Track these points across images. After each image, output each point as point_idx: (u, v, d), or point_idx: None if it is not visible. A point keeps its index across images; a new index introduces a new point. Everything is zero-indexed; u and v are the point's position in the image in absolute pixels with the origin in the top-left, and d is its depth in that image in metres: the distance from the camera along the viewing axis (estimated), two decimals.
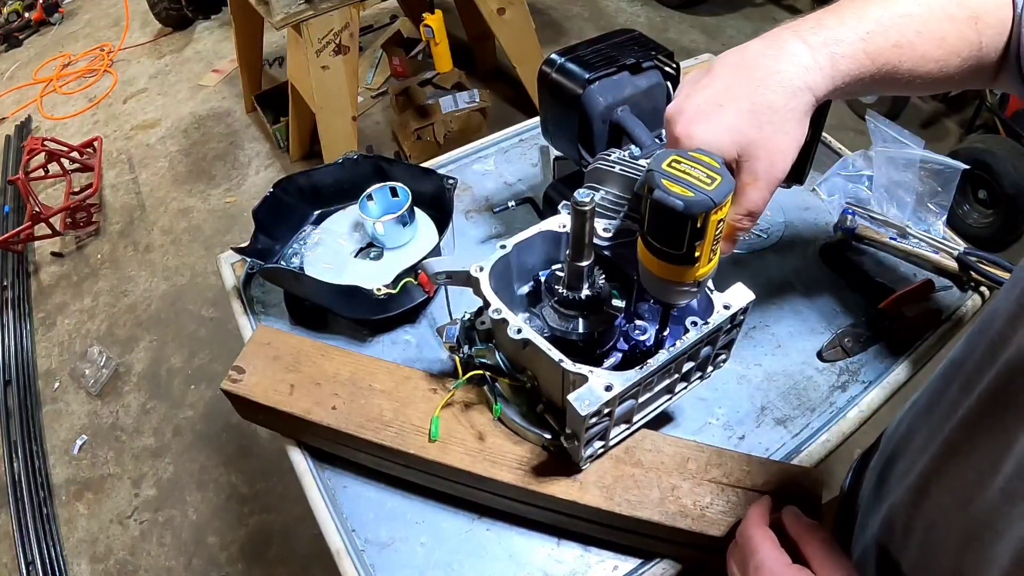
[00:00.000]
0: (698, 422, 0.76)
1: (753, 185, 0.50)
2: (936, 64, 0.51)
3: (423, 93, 2.69)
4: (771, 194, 0.51)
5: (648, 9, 3.57)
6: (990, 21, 0.51)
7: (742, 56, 0.51)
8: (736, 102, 0.49)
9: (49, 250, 2.66)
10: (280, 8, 2.01)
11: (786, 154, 0.50)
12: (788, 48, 0.50)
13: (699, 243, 0.48)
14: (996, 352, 0.42)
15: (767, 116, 0.49)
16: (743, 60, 0.51)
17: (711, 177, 0.47)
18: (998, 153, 2.09)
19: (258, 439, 1.97)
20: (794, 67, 0.49)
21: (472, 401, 0.70)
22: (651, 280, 0.54)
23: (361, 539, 0.69)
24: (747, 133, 0.49)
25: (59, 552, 1.79)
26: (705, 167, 0.47)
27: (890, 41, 0.50)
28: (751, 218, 0.52)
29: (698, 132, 0.50)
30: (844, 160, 1.02)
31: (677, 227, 0.47)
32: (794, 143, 0.50)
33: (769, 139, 0.49)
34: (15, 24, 3.95)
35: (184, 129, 3.16)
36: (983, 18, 0.51)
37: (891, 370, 0.80)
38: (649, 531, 0.62)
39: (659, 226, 0.49)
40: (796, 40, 0.50)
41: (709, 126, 0.50)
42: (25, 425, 2.05)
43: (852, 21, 0.50)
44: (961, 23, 0.51)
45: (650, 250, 0.52)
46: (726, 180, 0.47)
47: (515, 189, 1.07)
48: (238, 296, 0.93)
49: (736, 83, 0.50)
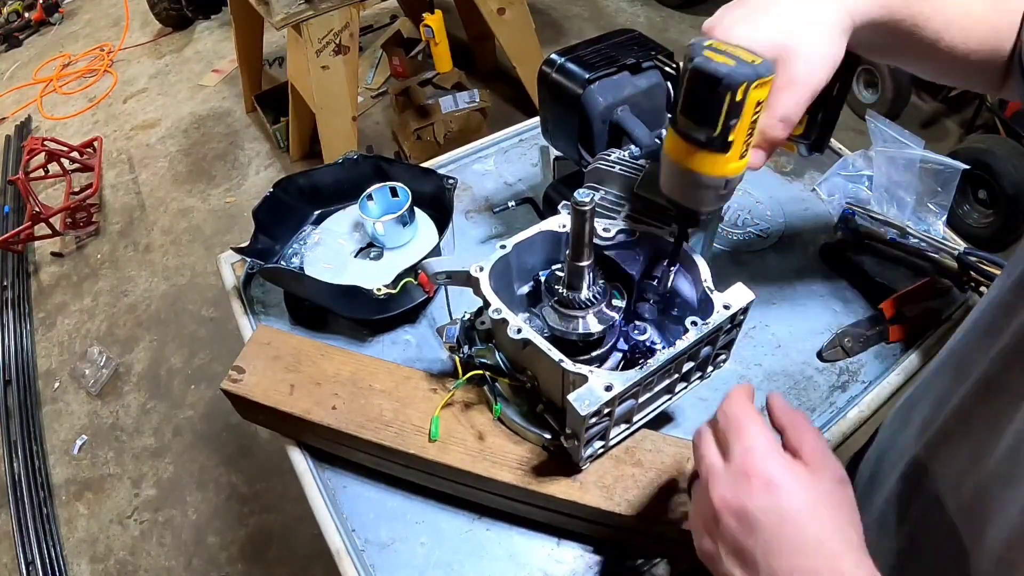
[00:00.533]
0: (698, 422, 0.75)
1: (788, 89, 0.49)
2: (960, 32, 0.53)
3: (423, 93, 2.69)
4: (806, 103, 0.51)
5: (648, 9, 3.57)
6: (1008, 7, 0.53)
7: None
8: (776, 9, 0.50)
9: (49, 250, 2.66)
10: (280, 8, 2.01)
11: (824, 63, 0.50)
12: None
13: (735, 123, 0.46)
14: (990, 341, 0.43)
15: (807, 23, 0.50)
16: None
17: (752, 58, 0.46)
18: (998, 153, 2.09)
19: (258, 439, 1.97)
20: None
21: (472, 401, 0.70)
22: (677, 176, 0.52)
23: (361, 539, 0.69)
24: (786, 38, 0.49)
25: (59, 552, 1.79)
26: (746, 52, 0.46)
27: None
28: (784, 125, 0.51)
29: (737, 33, 0.50)
30: (844, 160, 1.02)
31: (716, 100, 0.45)
32: (831, 55, 0.50)
33: (808, 46, 0.50)
34: (15, 24, 3.96)
35: (184, 129, 3.17)
36: (1003, 2, 0.53)
37: (891, 370, 0.80)
38: (649, 531, 0.62)
39: (696, 100, 0.46)
40: None
41: (748, 29, 0.50)
42: (25, 425, 2.06)
43: None
44: (984, 1, 0.54)
45: (680, 134, 0.49)
46: (767, 61, 0.46)
47: (515, 189, 1.07)
48: (238, 296, 0.93)
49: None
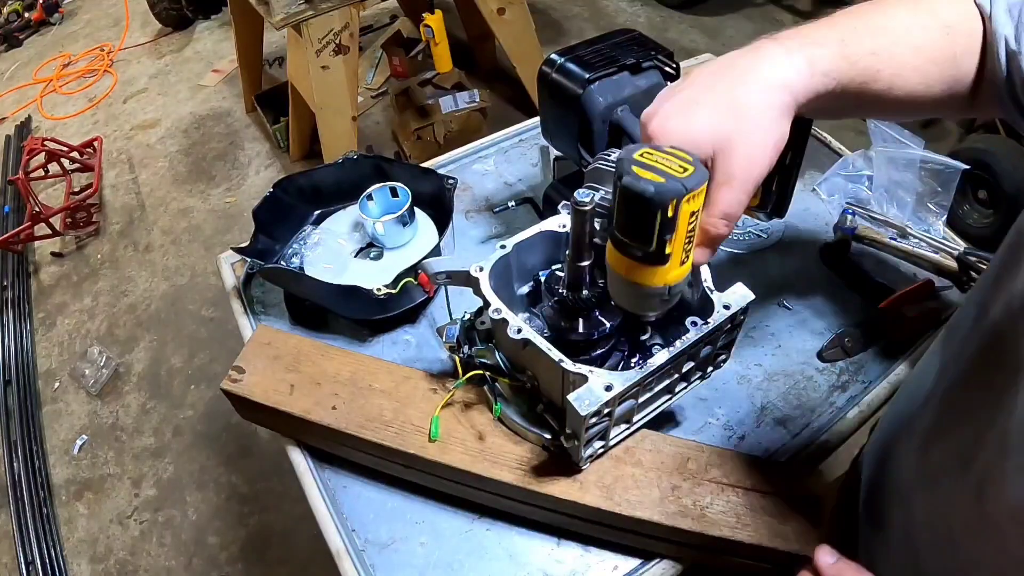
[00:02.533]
0: (698, 422, 0.76)
1: (728, 185, 0.48)
2: (915, 73, 0.51)
3: (423, 93, 2.69)
4: (748, 197, 0.49)
5: (648, 9, 3.57)
6: (961, 30, 0.51)
7: (720, 61, 0.51)
8: (713, 99, 0.48)
9: (49, 250, 2.66)
10: (280, 8, 2.01)
11: (765, 151, 0.48)
12: (766, 51, 0.49)
13: (670, 237, 0.46)
14: (982, 317, 0.43)
15: (744, 112, 0.48)
16: (721, 63, 0.51)
17: (684, 168, 0.45)
18: (998, 153, 2.09)
19: (258, 439, 1.97)
20: (772, 66, 0.48)
21: (472, 401, 0.70)
22: (619, 286, 0.52)
23: (361, 539, 0.69)
24: (723, 129, 0.48)
25: (59, 552, 1.79)
26: (678, 159, 0.45)
27: (866, 48, 0.49)
28: (727, 222, 0.49)
29: (672, 127, 0.49)
30: (844, 160, 1.02)
31: (647, 216, 0.44)
32: (772, 142, 0.48)
33: (746, 136, 0.48)
34: (15, 24, 3.95)
35: (184, 129, 3.16)
36: (954, 28, 0.51)
37: (891, 370, 0.80)
38: (649, 531, 0.62)
39: (628, 217, 0.46)
40: (774, 44, 0.50)
41: (683, 121, 0.49)
42: (25, 425, 2.05)
43: (826, 28, 0.51)
44: (934, 31, 0.51)
45: (618, 248, 0.49)
46: (699, 171, 0.45)
47: (515, 189, 1.07)
48: (238, 296, 0.93)
49: (714, 83, 0.49)
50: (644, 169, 0.44)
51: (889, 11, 0.51)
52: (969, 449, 0.43)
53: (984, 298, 0.46)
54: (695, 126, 0.48)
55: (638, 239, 0.47)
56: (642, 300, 0.52)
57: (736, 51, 0.51)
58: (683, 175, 0.44)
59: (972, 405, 0.45)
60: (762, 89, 0.48)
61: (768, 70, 0.48)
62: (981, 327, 0.45)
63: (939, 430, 0.49)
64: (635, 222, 0.46)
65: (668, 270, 0.48)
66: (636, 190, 0.44)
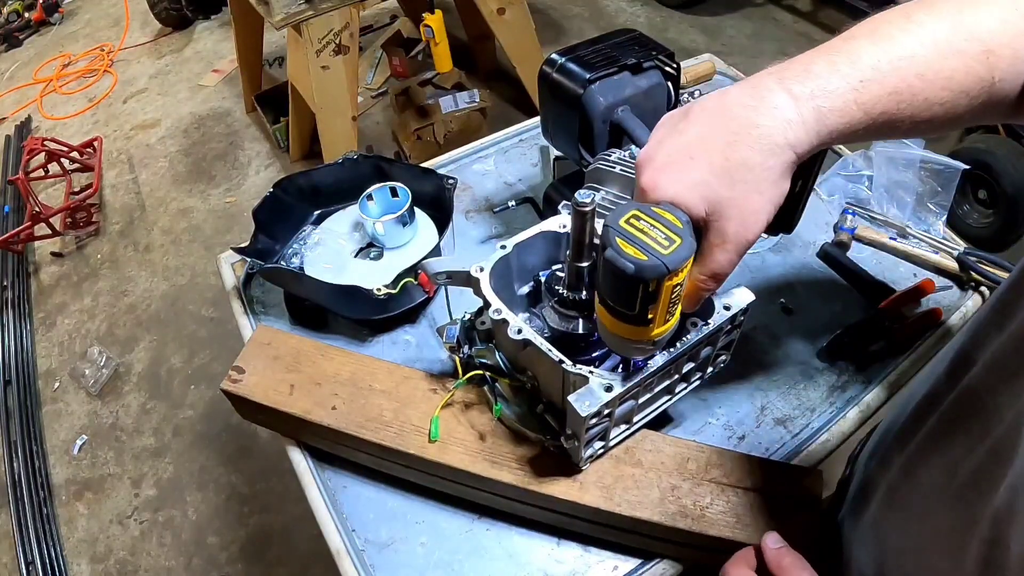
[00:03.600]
0: (698, 422, 0.76)
1: (721, 247, 0.46)
2: (941, 107, 0.46)
3: (423, 93, 2.69)
4: (740, 257, 0.47)
5: (648, 9, 3.57)
6: (1004, 53, 0.45)
7: (721, 103, 0.47)
8: (709, 155, 0.45)
9: (49, 250, 2.66)
10: (280, 8, 2.01)
11: (759, 216, 0.46)
12: (770, 99, 0.45)
13: (652, 306, 0.46)
14: (997, 326, 0.42)
15: (741, 174, 0.45)
16: (721, 107, 0.47)
17: (670, 239, 0.44)
18: (998, 153, 2.09)
19: (258, 439, 1.97)
20: (775, 121, 0.44)
21: (472, 401, 0.70)
22: (606, 335, 0.53)
23: (361, 539, 0.69)
24: (718, 191, 0.45)
25: (59, 552, 1.79)
26: (666, 226, 0.44)
27: (887, 89, 0.44)
28: (716, 280, 0.48)
29: (665, 183, 0.46)
30: (844, 160, 1.02)
31: (629, 289, 0.45)
32: (769, 204, 0.46)
33: (741, 199, 0.45)
34: (15, 24, 3.95)
35: (184, 129, 3.16)
36: (996, 51, 0.45)
37: (891, 370, 0.80)
38: (649, 531, 0.62)
39: (611, 286, 0.47)
40: (780, 90, 0.45)
41: (677, 178, 0.46)
42: (25, 425, 2.05)
43: (845, 67, 0.45)
44: (971, 58, 0.45)
45: (603, 305, 0.50)
46: (686, 244, 0.44)
47: (515, 189, 1.07)
48: (238, 296, 0.93)
49: (711, 134, 0.46)
50: (628, 242, 0.44)
51: (921, 32, 0.45)
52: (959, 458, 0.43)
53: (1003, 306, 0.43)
54: (688, 186, 0.46)
55: (621, 305, 0.48)
56: (628, 349, 0.53)
57: (738, 87, 0.47)
58: (667, 250, 0.43)
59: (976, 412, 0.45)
60: (763, 149, 0.44)
61: (771, 127, 0.44)
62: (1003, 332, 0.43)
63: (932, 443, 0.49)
64: (618, 292, 0.47)
65: (651, 329, 0.49)
66: (618, 266, 0.44)
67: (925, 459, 0.47)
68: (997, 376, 0.40)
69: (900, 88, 0.44)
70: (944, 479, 0.44)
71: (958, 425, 0.44)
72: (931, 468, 0.46)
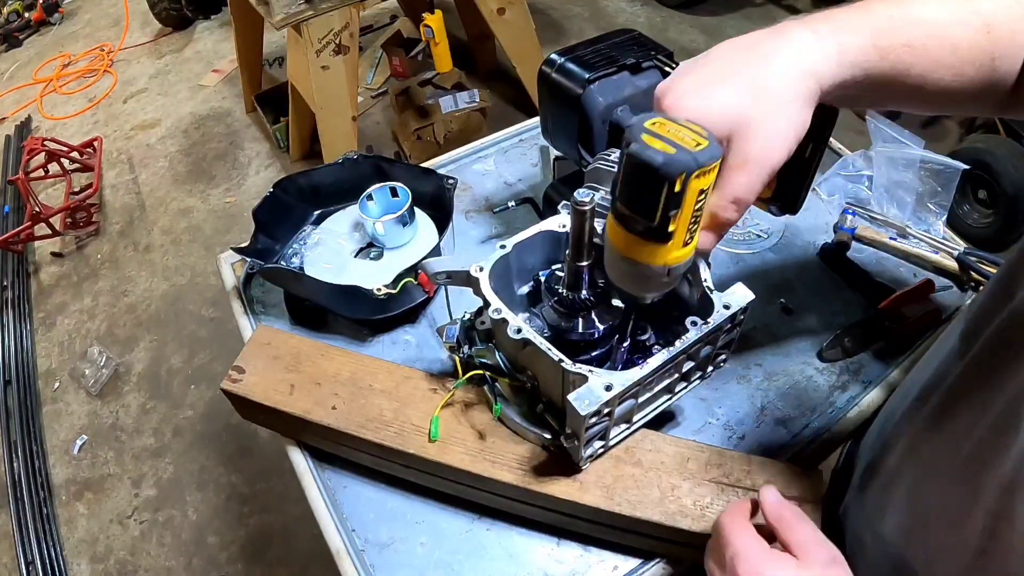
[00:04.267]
0: (698, 422, 0.76)
1: (742, 168, 0.45)
2: (949, 72, 0.48)
3: (423, 93, 2.69)
4: (761, 184, 0.46)
5: (648, 9, 3.57)
6: (1003, 32, 0.47)
7: (744, 39, 0.48)
8: (733, 78, 0.46)
9: (49, 250, 2.66)
10: (280, 8, 2.01)
11: (784, 138, 0.46)
12: (793, 34, 0.47)
13: (675, 213, 0.43)
14: (1001, 302, 0.42)
15: (766, 95, 0.45)
16: (744, 42, 0.48)
17: (697, 141, 0.41)
18: (998, 153, 2.09)
19: (258, 439, 1.97)
20: (798, 50, 0.46)
21: (472, 401, 0.70)
22: (618, 264, 0.49)
23: (361, 539, 0.69)
24: (742, 110, 0.45)
25: (59, 552, 1.79)
26: (692, 132, 0.42)
27: (900, 40, 0.46)
28: (737, 207, 0.47)
29: (688, 104, 0.46)
30: (844, 160, 1.02)
31: (652, 189, 0.41)
32: (793, 128, 0.46)
33: (766, 119, 0.45)
34: (15, 24, 3.96)
35: (184, 129, 3.16)
36: (996, 28, 0.47)
37: (891, 370, 0.80)
38: (649, 531, 0.62)
39: (632, 187, 0.43)
40: (802, 27, 0.47)
41: (700, 99, 0.46)
42: (25, 425, 2.06)
43: (861, 17, 0.47)
44: (974, 31, 0.47)
45: (619, 221, 0.46)
46: (713, 146, 0.42)
47: (515, 189, 1.07)
48: (238, 296, 0.93)
49: (735, 62, 0.47)
50: (655, 138, 0.41)
51: (929, 1, 0.48)
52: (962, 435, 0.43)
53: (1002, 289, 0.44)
54: (713, 104, 0.46)
55: (641, 212, 0.44)
56: (640, 280, 0.49)
57: (761, 31, 0.48)
58: (696, 149, 0.41)
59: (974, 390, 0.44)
60: (787, 73, 0.45)
61: (795, 54, 0.46)
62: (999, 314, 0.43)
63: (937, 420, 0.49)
64: (639, 193, 0.43)
65: (669, 250, 0.45)
66: (643, 158, 0.41)
67: (929, 437, 0.47)
68: (1000, 351, 0.41)
69: (912, 43, 0.46)
70: (949, 454, 0.44)
71: (963, 400, 0.44)
72: (935, 444, 0.46)
